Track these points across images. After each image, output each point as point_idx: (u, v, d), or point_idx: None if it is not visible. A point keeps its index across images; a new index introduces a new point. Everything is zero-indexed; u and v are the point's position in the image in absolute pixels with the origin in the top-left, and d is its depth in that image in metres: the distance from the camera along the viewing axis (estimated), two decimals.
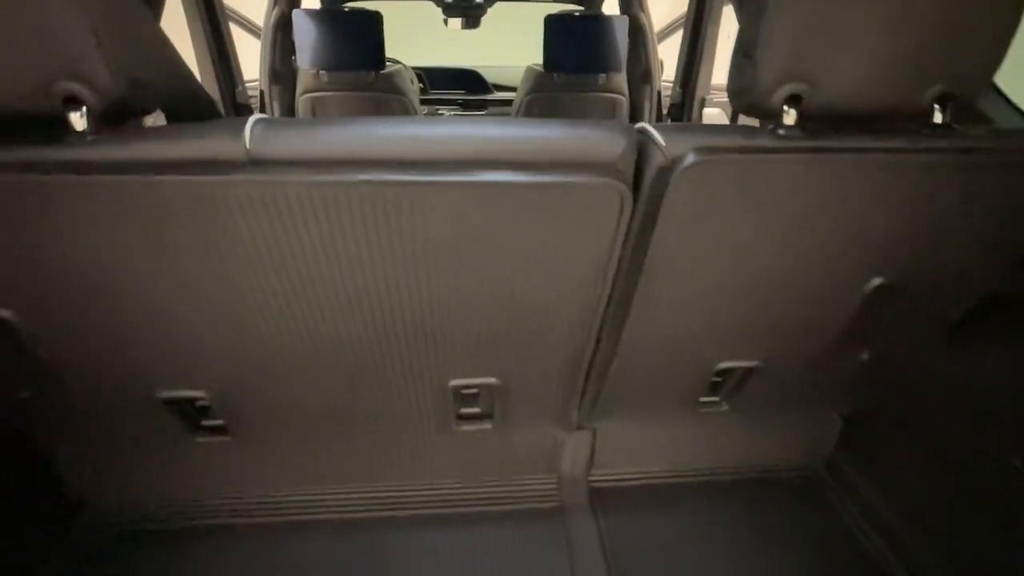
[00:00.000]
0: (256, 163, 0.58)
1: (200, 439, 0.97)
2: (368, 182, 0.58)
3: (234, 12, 2.45)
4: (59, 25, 0.50)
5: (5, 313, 0.68)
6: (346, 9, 2.78)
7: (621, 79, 2.68)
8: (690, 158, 0.61)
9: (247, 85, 2.14)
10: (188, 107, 0.67)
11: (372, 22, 2.60)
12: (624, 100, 2.67)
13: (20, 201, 0.58)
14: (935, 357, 0.97)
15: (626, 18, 2.58)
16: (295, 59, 2.34)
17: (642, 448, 1.15)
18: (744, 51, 0.63)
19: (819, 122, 0.64)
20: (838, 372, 0.99)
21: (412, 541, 1.05)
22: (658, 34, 2.93)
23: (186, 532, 1.05)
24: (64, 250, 0.62)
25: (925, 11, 0.58)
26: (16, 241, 0.61)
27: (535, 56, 2.66)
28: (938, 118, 0.66)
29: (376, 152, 0.59)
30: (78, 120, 0.56)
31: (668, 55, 2.80)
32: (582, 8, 3.16)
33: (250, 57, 2.34)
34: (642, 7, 2.75)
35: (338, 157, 0.59)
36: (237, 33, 2.26)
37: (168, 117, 0.66)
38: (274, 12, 2.29)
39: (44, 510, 1.03)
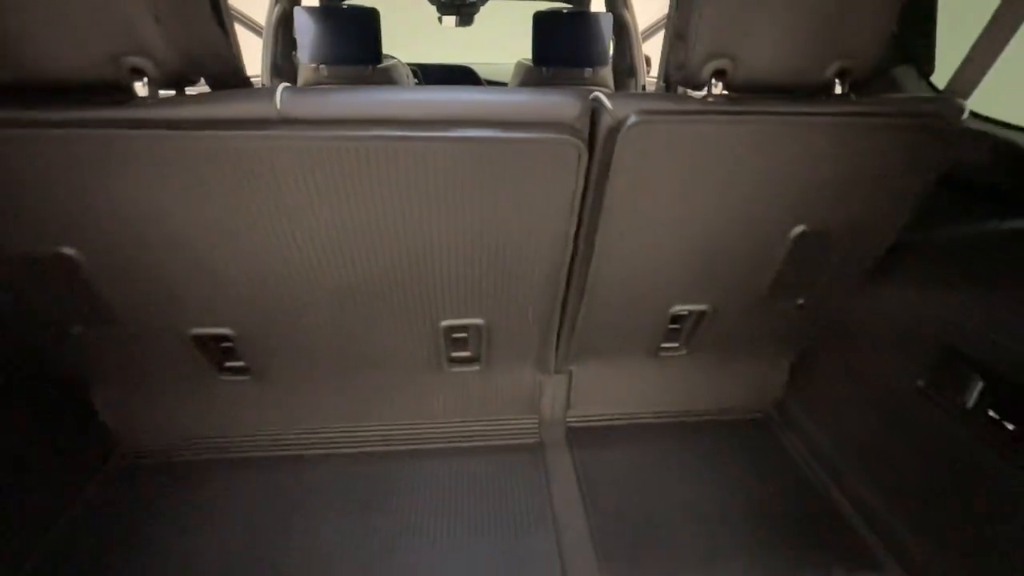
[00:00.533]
0: (285, 121, 0.72)
1: (224, 378, 1.11)
2: (374, 136, 0.73)
3: (237, 12, 2.58)
4: (126, 8, 0.64)
5: (71, 251, 0.82)
6: (344, 6, 2.91)
7: (607, 73, 2.82)
8: (632, 119, 0.75)
9: (249, 79, 2.28)
10: (229, 80, 0.81)
11: (369, 18, 2.74)
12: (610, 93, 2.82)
13: (90, 153, 0.72)
14: (855, 302, 1.12)
15: (610, 15, 2.73)
16: (295, 54, 2.47)
17: (612, 391, 1.30)
18: (677, 34, 0.78)
19: (741, 92, 0.79)
20: (779, 317, 1.14)
21: (411, 471, 1.19)
22: (644, 32, 3.08)
23: (209, 464, 1.19)
24: (124, 196, 0.76)
25: (821, 1, 0.73)
26: (84, 187, 0.75)
27: (525, 54, 2.81)
28: (838, 89, 0.81)
29: (380, 112, 0.74)
30: (141, 88, 0.70)
31: (656, 52, 2.94)
32: (570, 6, 3.31)
33: (251, 53, 2.47)
34: (626, 5, 2.90)
35: (350, 116, 0.73)
36: (240, 31, 2.39)
37: (212, 87, 0.80)
38: (276, 9, 2.43)
39: (83, 443, 1.17)
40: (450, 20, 4.06)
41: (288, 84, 0.75)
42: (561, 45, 2.74)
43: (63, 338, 0.97)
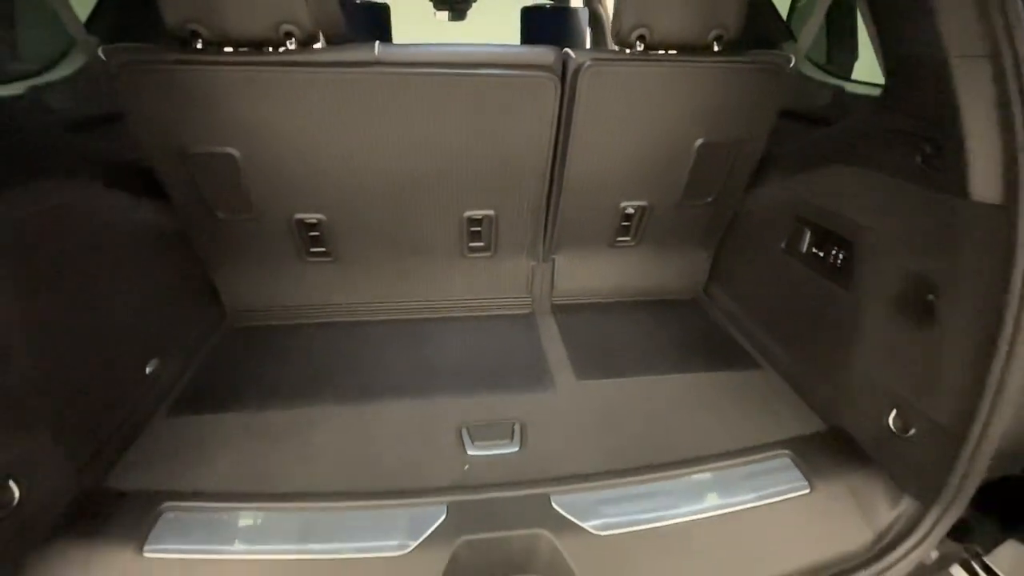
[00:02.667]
0: (379, 63, 1.19)
1: (310, 260, 1.57)
2: (429, 74, 1.20)
3: None
4: None
5: (233, 151, 1.29)
6: (358, 1, 3.37)
7: None
8: (587, 63, 1.24)
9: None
10: (341, 39, 1.26)
11: (382, 13, 3.21)
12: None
13: (254, 83, 1.19)
14: (745, 199, 1.63)
15: (587, 9, 3.23)
16: None
17: (583, 276, 1.79)
18: (615, 13, 1.26)
19: (655, 49, 1.28)
20: (698, 213, 1.64)
21: (440, 329, 1.67)
22: None
23: (298, 326, 1.66)
24: (272, 112, 1.23)
25: None
26: (249, 106, 1.22)
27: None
28: (716, 48, 1.30)
29: (432, 59, 1.21)
30: (291, 44, 1.17)
31: None
32: (552, 1, 3.81)
33: None
34: (600, 1, 3.40)
35: (416, 60, 1.21)
36: None
37: (328, 42, 1.27)
38: None
39: (208, 309, 1.63)
40: (444, 15, 4.54)
41: (380, 42, 1.21)
42: (545, 35, 3.23)
43: (211, 221, 1.43)
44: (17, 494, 0.90)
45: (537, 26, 3.20)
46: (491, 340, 1.63)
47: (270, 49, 1.16)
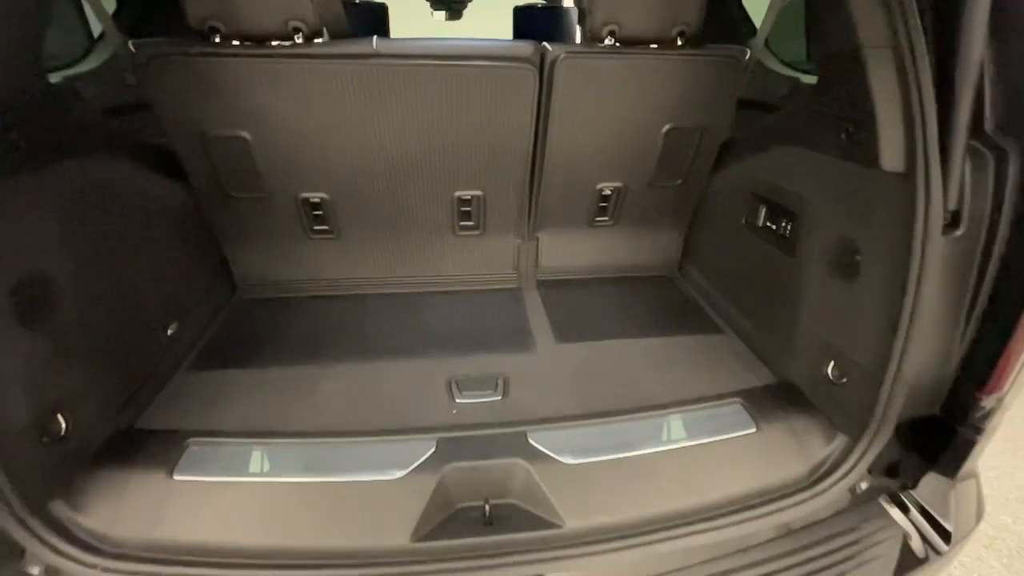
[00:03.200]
0: (377, 55, 1.34)
1: (313, 238, 1.72)
2: (422, 65, 1.35)
3: None
4: None
5: (245, 134, 1.43)
6: (357, 1, 3.52)
7: None
8: (563, 56, 1.39)
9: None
10: (342, 34, 1.41)
11: (380, 12, 3.36)
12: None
13: (265, 72, 1.33)
14: (711, 182, 1.78)
15: (575, 8, 3.37)
16: None
17: (565, 253, 1.94)
18: (588, 11, 1.41)
19: (624, 43, 1.43)
20: (669, 194, 1.79)
21: (433, 301, 1.82)
22: None
23: (300, 299, 1.81)
24: (281, 98, 1.38)
25: None
26: (260, 92, 1.36)
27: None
28: (679, 42, 1.45)
29: (425, 51, 1.36)
30: (298, 38, 1.31)
31: None
32: (543, 1, 3.96)
33: None
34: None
35: (409, 53, 1.36)
36: None
37: (331, 37, 1.41)
38: None
39: (221, 283, 1.78)
40: (440, 15, 4.70)
41: (376, 37, 1.36)
42: (535, 32, 3.38)
43: (225, 200, 1.58)
44: (64, 426, 1.05)
45: (528, 24, 3.35)
46: (479, 311, 1.78)
47: (279, 43, 1.31)
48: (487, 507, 1.07)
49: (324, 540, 1.01)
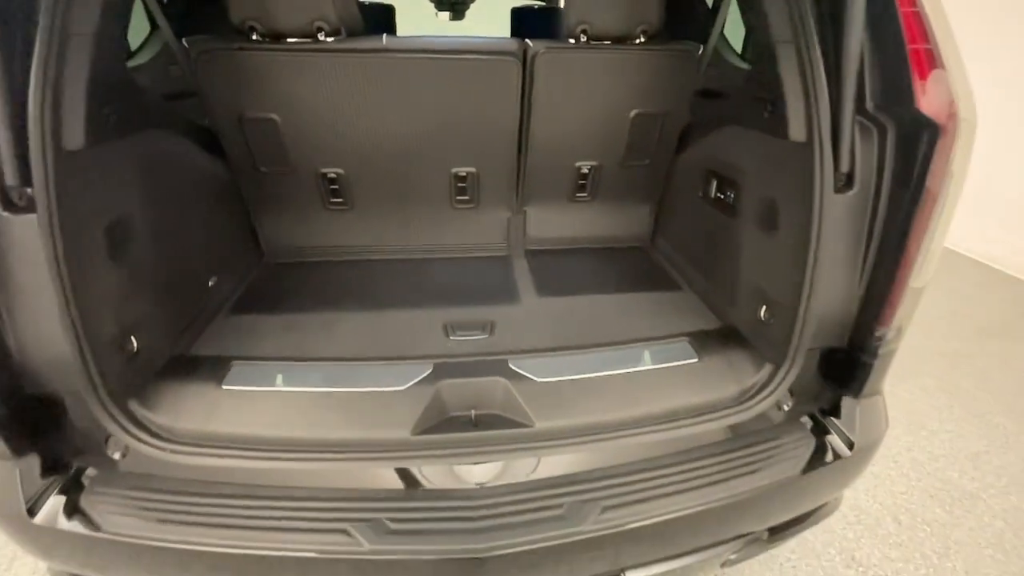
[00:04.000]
0: (387, 50, 1.61)
1: (330, 208, 2.00)
2: (426, 58, 1.62)
3: None
4: None
5: (275, 116, 1.71)
6: (366, 2, 3.79)
7: None
8: (542, 50, 1.66)
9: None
10: (358, 32, 1.67)
11: (387, 13, 3.63)
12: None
13: (292, 65, 1.61)
14: (674, 161, 2.04)
15: None
16: None
17: (549, 226, 2.20)
18: (564, 13, 1.67)
19: (596, 40, 1.69)
20: (639, 172, 2.05)
21: (433, 265, 2.09)
22: None
23: (318, 263, 2.08)
24: (305, 86, 1.65)
25: None
26: (287, 80, 1.64)
27: None
28: (641, 39, 1.71)
29: (427, 47, 1.63)
30: (321, 36, 1.58)
31: None
32: (543, 2, 4.22)
33: None
34: None
35: (414, 48, 1.62)
36: None
37: (348, 35, 1.68)
38: None
39: (251, 249, 2.06)
40: (445, 15, 4.98)
41: (386, 34, 1.63)
42: (532, 31, 3.62)
43: (256, 174, 1.85)
44: (135, 346, 1.32)
45: (526, 24, 3.61)
46: (473, 273, 2.05)
47: (306, 39, 1.58)
48: (473, 414, 1.33)
49: (341, 433, 1.28)
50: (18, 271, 1.05)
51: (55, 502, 1.15)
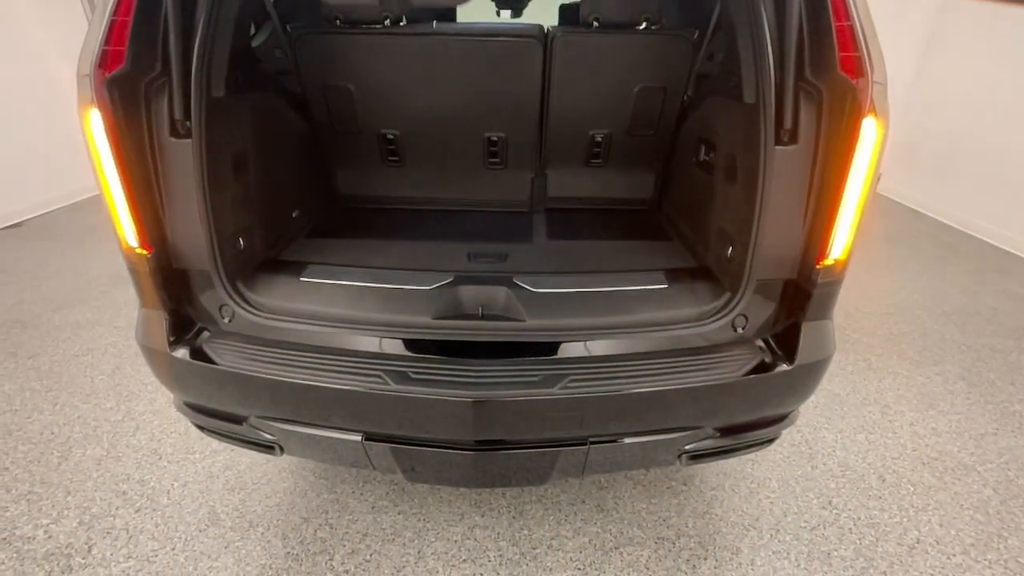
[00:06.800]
0: (436, 33, 2.05)
1: (388, 165, 2.48)
2: (471, 39, 2.05)
3: None
4: None
5: (350, 86, 2.20)
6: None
7: None
8: (559, 35, 2.04)
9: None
10: (418, 20, 2.13)
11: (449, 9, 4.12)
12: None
13: (363, 44, 2.08)
14: (676, 131, 2.34)
15: None
16: None
17: (567, 187, 2.56)
18: (581, 4, 2.04)
19: (606, 26, 2.05)
20: (645, 141, 2.37)
21: (467, 216, 2.52)
22: None
23: (378, 210, 2.57)
24: (373, 61, 2.12)
25: None
26: (359, 55, 2.12)
27: None
28: (643, 25, 2.05)
29: (463, 29, 2.05)
30: (387, 22, 2.05)
31: None
32: None
33: None
34: None
35: (451, 31, 2.06)
36: None
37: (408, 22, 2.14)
38: None
39: (330, 194, 2.58)
40: (506, 13, 5.42)
41: (437, 21, 2.07)
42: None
43: (333, 132, 2.36)
44: (242, 245, 1.83)
45: (567, 20, 3.99)
46: (498, 223, 2.46)
47: (375, 24, 2.05)
48: (480, 310, 1.74)
49: (382, 315, 1.72)
50: (176, 181, 1.56)
51: (186, 344, 1.67)
